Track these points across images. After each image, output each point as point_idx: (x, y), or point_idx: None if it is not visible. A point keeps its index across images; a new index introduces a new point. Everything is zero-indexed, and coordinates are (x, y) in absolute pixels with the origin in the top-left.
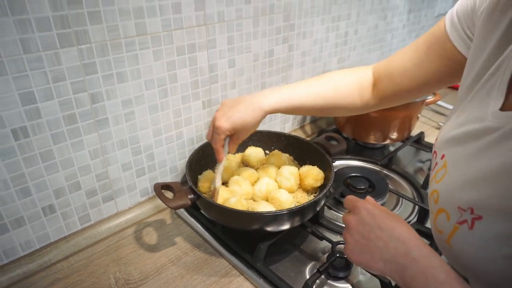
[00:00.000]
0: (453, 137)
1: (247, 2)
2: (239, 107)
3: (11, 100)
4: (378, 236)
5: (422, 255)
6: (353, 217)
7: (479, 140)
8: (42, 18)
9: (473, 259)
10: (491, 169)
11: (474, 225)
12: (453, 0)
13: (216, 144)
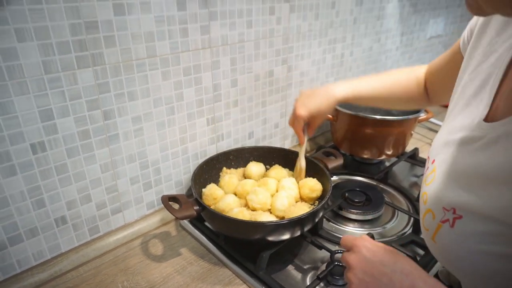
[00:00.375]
0: (443, 142)
1: (249, 27)
2: (315, 96)
3: (32, 116)
4: (381, 272)
5: (428, 286)
6: (354, 255)
7: (465, 148)
8: (63, 42)
9: (454, 254)
10: (474, 175)
11: (454, 223)
12: (444, 23)
13: (297, 129)
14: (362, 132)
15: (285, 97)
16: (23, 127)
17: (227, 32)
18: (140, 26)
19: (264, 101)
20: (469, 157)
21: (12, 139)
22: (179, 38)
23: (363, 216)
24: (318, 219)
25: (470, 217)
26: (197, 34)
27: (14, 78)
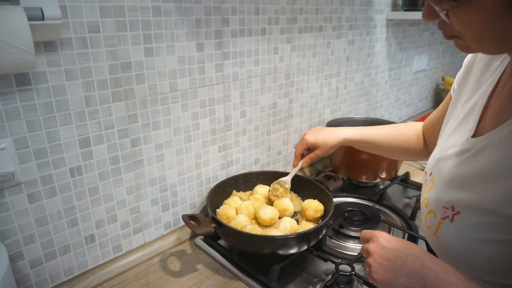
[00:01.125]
0: (438, 158)
1: (256, 65)
2: (326, 130)
3: (72, 144)
4: (396, 256)
5: (436, 264)
6: (372, 244)
7: (457, 158)
8: (102, 80)
9: (455, 245)
10: (467, 178)
11: (454, 218)
12: (427, 59)
13: (298, 150)
14: (358, 157)
15: (287, 126)
16: (65, 153)
17: (237, 69)
18: (165, 65)
19: (269, 130)
20: (461, 165)
21: (55, 164)
22: (197, 75)
23: None
24: (321, 236)
25: (467, 212)
26: (212, 72)
27: (61, 110)
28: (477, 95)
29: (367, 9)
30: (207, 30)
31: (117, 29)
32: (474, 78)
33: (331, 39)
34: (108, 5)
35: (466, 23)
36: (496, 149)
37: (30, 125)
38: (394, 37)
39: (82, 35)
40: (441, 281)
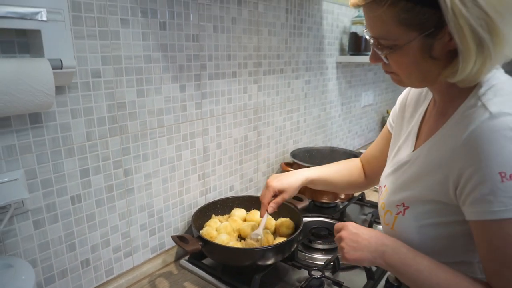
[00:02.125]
0: (388, 173)
1: (229, 102)
2: (288, 174)
3: (74, 174)
4: (363, 238)
5: (391, 241)
6: (344, 231)
7: (401, 169)
8: (101, 117)
9: (407, 233)
10: (409, 180)
11: (405, 212)
12: (373, 95)
13: (264, 199)
14: None
15: (256, 156)
16: (67, 183)
17: (213, 107)
18: (154, 104)
19: (241, 160)
20: (405, 172)
21: (59, 192)
22: (180, 112)
23: (328, 245)
24: (294, 248)
25: (414, 205)
26: (192, 109)
27: (66, 144)
28: (412, 124)
29: (319, 54)
30: (188, 74)
31: (115, 74)
32: (409, 113)
33: (291, 80)
34: (108, 54)
35: (399, 64)
36: (425, 156)
37: (39, 158)
38: (344, 77)
39: (86, 80)
40: (396, 253)
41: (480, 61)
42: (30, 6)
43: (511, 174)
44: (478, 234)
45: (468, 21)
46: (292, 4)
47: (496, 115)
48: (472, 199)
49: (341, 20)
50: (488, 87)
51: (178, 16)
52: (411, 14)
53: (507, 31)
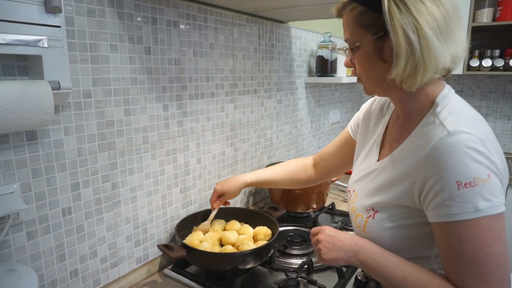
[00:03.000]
0: (356, 179)
1: (208, 120)
2: (230, 180)
3: (65, 187)
4: (338, 240)
5: (364, 242)
6: (321, 234)
7: (370, 176)
8: (91, 134)
9: (377, 235)
10: (378, 187)
11: (375, 216)
12: (340, 113)
13: (212, 198)
14: (293, 193)
15: (233, 170)
16: (59, 196)
17: (194, 124)
18: (139, 122)
19: (219, 174)
20: (374, 180)
21: (51, 205)
22: (163, 130)
23: (302, 251)
24: (271, 253)
25: (383, 209)
26: (174, 127)
27: (59, 160)
28: (375, 135)
29: (289, 75)
30: (171, 94)
31: (104, 95)
32: (373, 122)
33: (264, 99)
34: (99, 77)
35: (359, 65)
36: (393, 166)
37: (34, 172)
38: (312, 96)
39: (78, 100)
40: (367, 252)
41: (412, 63)
42: (34, 34)
43: (466, 183)
44: (438, 233)
45: (400, 24)
46: (263, 30)
47: (453, 133)
48: (434, 204)
49: (309, 44)
50: (443, 106)
51: (161, 42)
52: (365, 17)
53: (435, 39)
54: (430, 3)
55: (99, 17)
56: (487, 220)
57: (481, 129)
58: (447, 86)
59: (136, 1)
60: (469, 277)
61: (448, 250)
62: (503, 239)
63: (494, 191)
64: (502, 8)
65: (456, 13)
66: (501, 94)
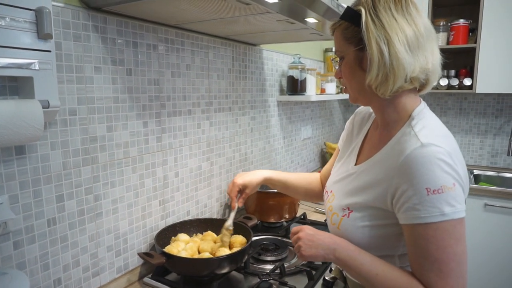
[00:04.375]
0: (334, 181)
1: (185, 136)
2: (249, 173)
3: (51, 199)
4: (317, 238)
5: (341, 240)
6: (301, 232)
7: (348, 179)
8: (76, 149)
9: (351, 233)
10: (355, 189)
11: (350, 215)
12: (311, 129)
13: (232, 194)
14: (266, 204)
15: (209, 184)
16: (44, 207)
17: (172, 140)
18: (121, 138)
19: (196, 187)
20: (351, 182)
21: (37, 216)
22: (143, 145)
23: (275, 257)
24: (246, 258)
25: (357, 209)
26: (154, 142)
27: (45, 173)
28: (355, 143)
29: (262, 94)
30: (150, 112)
31: (88, 112)
32: (355, 131)
33: (238, 116)
34: (83, 96)
35: (344, 73)
36: (370, 171)
37: (22, 184)
38: (284, 113)
39: (64, 117)
40: (344, 250)
41: (383, 71)
42: (27, 58)
43: (434, 189)
44: (408, 234)
45: (375, 36)
46: (237, 53)
47: (425, 145)
48: (405, 207)
49: (280, 65)
50: (418, 120)
51: (141, 64)
52: (348, 31)
53: (403, 50)
54: (402, 21)
55: (84, 41)
56: (450, 223)
57: (450, 144)
58: (423, 103)
59: (118, 27)
60: (432, 273)
61: (415, 250)
62: (463, 241)
63: (458, 198)
64: (454, 33)
65: (428, 33)
66: (458, 110)
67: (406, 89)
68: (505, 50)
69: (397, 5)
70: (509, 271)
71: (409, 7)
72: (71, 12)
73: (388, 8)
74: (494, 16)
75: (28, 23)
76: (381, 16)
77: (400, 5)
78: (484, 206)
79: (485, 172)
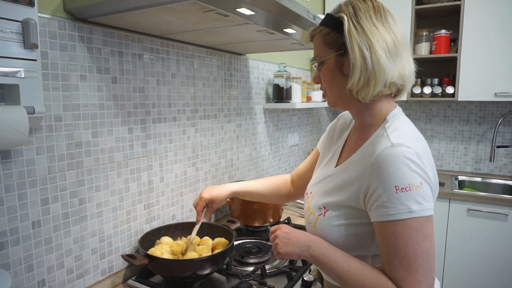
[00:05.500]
0: (314, 183)
1: (170, 142)
2: (217, 187)
3: (36, 202)
4: (293, 236)
5: (316, 238)
6: (278, 231)
7: (326, 180)
8: (61, 154)
9: (326, 231)
10: (331, 189)
11: (325, 214)
12: (298, 136)
13: (198, 208)
14: (251, 208)
15: (195, 189)
16: (29, 209)
17: (157, 146)
18: (106, 143)
19: (182, 192)
20: (329, 183)
21: (22, 218)
22: (128, 150)
23: (257, 259)
24: (227, 261)
25: (333, 208)
26: (139, 148)
27: (30, 177)
28: (335, 147)
29: (248, 101)
30: (135, 118)
31: (73, 119)
32: (336, 136)
33: (224, 123)
34: (69, 103)
35: (324, 77)
36: (345, 171)
37: (7, 188)
38: (271, 121)
39: (50, 123)
40: (318, 247)
41: (365, 75)
42: (13, 66)
43: (402, 187)
44: (378, 232)
45: (357, 42)
46: (222, 62)
47: (395, 145)
48: (375, 205)
49: (266, 74)
50: (392, 123)
51: (126, 72)
52: (330, 37)
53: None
54: (382, 29)
55: (70, 51)
56: (417, 220)
57: (419, 146)
58: (398, 107)
59: (104, 37)
60: (401, 269)
61: (385, 247)
62: (430, 238)
63: (425, 196)
64: (436, 43)
65: (404, 41)
66: (442, 118)
67: (383, 95)
68: (485, 59)
69: (376, 14)
70: (490, 273)
71: (387, 16)
72: (58, 23)
73: (369, 16)
74: (473, 27)
75: (14, 34)
76: (362, 23)
77: (379, 14)
78: (468, 211)
79: (470, 178)
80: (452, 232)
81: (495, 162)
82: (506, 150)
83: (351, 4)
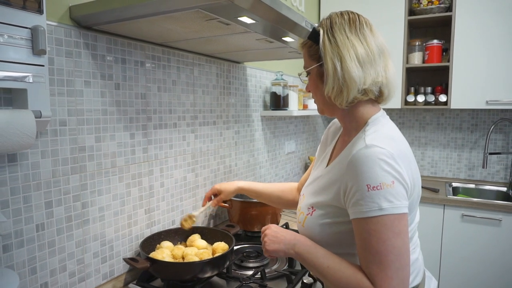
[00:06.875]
0: (307, 184)
1: (170, 148)
2: (227, 182)
3: (40, 205)
4: (280, 234)
5: (301, 237)
6: (267, 230)
7: (316, 181)
8: (65, 158)
9: (312, 230)
10: (318, 189)
11: (313, 213)
12: (295, 144)
13: (207, 194)
14: (249, 213)
15: (194, 194)
16: (34, 212)
17: (158, 151)
18: (108, 148)
19: (181, 197)
20: (317, 184)
21: (26, 221)
22: (130, 155)
23: (257, 263)
24: (227, 264)
25: (319, 208)
26: (140, 153)
27: (35, 180)
28: (327, 150)
29: (246, 109)
30: (137, 124)
31: (77, 123)
32: (329, 141)
33: (223, 130)
34: (73, 108)
35: (310, 87)
36: (330, 172)
37: (13, 190)
38: (268, 128)
39: (55, 128)
40: (303, 245)
41: (337, 84)
42: (22, 71)
43: (374, 186)
44: (355, 229)
45: (330, 53)
46: (221, 70)
47: (369, 146)
48: (352, 203)
49: (263, 82)
50: (372, 126)
51: (129, 79)
52: (312, 49)
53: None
54: (354, 40)
55: (76, 57)
56: (388, 218)
57: (395, 147)
58: (382, 111)
59: (108, 44)
60: (374, 265)
61: (361, 243)
62: (403, 235)
63: (397, 195)
64: (429, 53)
65: (380, 50)
66: (436, 125)
67: (362, 100)
68: (476, 68)
69: (351, 27)
70: (484, 277)
71: (362, 28)
72: (64, 31)
73: (343, 29)
74: (464, 37)
75: (24, 40)
76: (336, 36)
77: (354, 26)
78: (462, 217)
79: (464, 185)
80: (447, 238)
81: (488, 169)
82: (499, 157)
83: (330, 18)
